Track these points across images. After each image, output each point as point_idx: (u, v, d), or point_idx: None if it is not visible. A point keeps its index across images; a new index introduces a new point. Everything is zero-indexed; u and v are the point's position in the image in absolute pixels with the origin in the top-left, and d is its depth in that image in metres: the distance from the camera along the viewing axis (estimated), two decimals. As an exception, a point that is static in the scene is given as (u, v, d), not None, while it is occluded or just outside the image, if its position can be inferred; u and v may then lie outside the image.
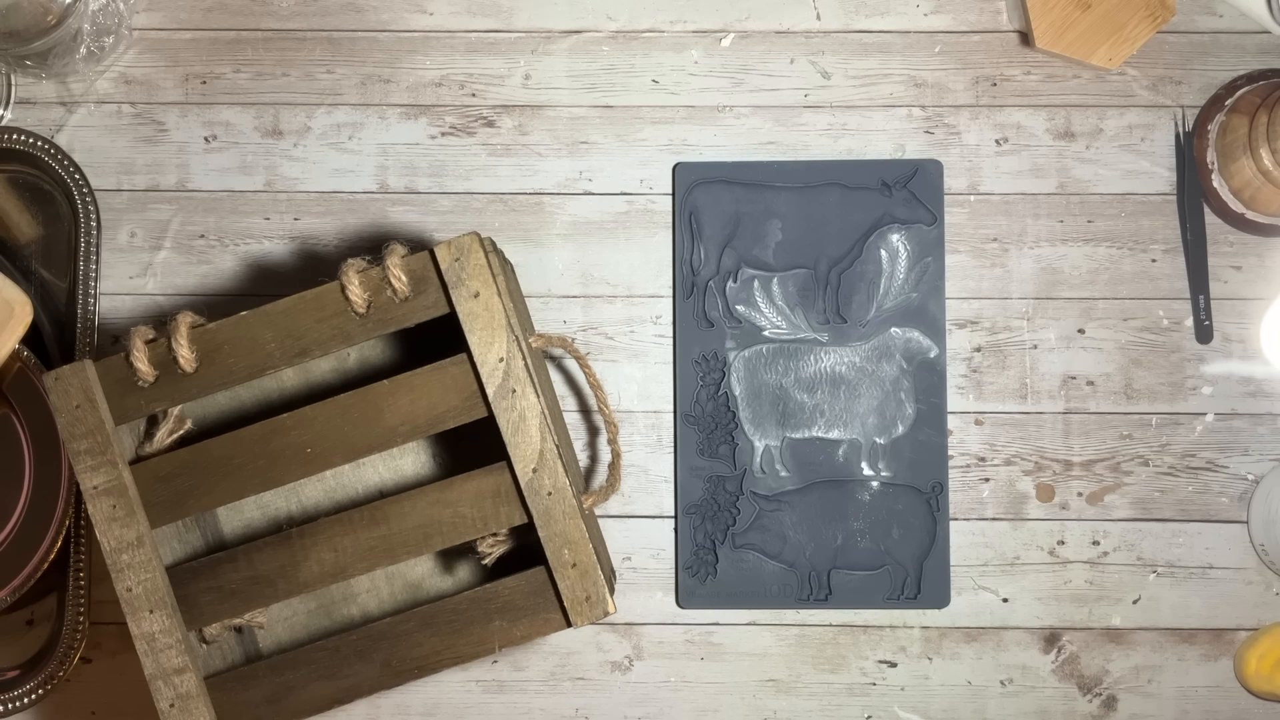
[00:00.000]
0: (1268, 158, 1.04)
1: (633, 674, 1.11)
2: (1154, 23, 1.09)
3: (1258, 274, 1.11)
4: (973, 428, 1.11)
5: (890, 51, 1.12)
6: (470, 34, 1.12)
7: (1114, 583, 1.10)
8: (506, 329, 0.88)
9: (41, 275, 1.11)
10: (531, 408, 0.88)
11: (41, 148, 1.10)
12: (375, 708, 1.11)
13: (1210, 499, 1.11)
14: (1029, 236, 1.12)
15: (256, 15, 1.13)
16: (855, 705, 1.11)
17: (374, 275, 0.88)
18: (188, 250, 1.12)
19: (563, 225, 1.12)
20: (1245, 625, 1.10)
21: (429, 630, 0.89)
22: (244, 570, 0.90)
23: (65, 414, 0.88)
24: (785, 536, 1.09)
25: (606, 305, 1.12)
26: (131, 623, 0.88)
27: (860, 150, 1.12)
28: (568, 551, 0.88)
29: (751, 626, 1.11)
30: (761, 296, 1.10)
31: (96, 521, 0.88)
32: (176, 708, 0.88)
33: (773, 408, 1.10)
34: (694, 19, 1.13)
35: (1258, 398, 1.11)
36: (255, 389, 1.04)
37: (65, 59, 1.08)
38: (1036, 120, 1.12)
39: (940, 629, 1.10)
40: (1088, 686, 1.10)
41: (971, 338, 1.11)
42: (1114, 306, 1.11)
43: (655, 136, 1.12)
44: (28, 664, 1.08)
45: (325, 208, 1.12)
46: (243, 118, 1.12)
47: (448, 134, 1.12)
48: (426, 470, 1.06)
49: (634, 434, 1.11)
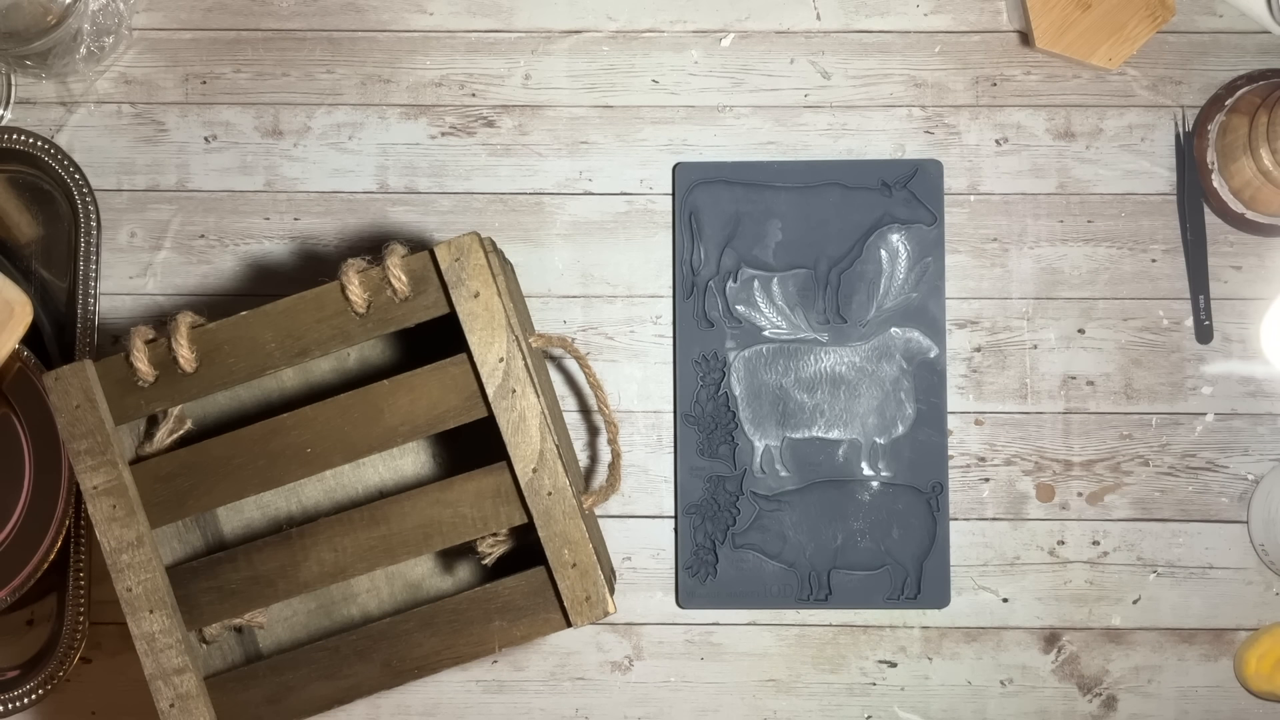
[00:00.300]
0: (1268, 158, 1.04)
1: (633, 674, 1.11)
2: (1154, 23, 1.09)
3: (1258, 274, 1.11)
4: (973, 428, 1.11)
5: (890, 51, 1.12)
6: (470, 34, 1.12)
7: (1114, 583, 1.10)
8: (506, 329, 0.88)
9: (41, 275, 1.11)
10: (531, 408, 0.88)
11: (41, 148, 1.10)
12: (375, 708, 1.11)
13: (1210, 499, 1.11)
14: (1029, 236, 1.12)
15: (256, 15, 1.13)
16: (855, 705, 1.11)
17: (374, 275, 0.88)
18: (188, 250, 1.12)
19: (563, 225, 1.12)
20: (1245, 625, 1.10)
21: (429, 630, 0.89)
22: (244, 570, 0.90)
23: (65, 414, 0.88)
24: (785, 536, 1.09)
25: (606, 305, 1.12)
26: (131, 623, 0.88)
27: (860, 150, 1.12)
28: (568, 551, 0.88)
29: (751, 626, 1.11)
30: (761, 296, 1.10)
31: (96, 521, 0.88)
32: (176, 708, 0.88)
33: (773, 408, 1.10)
34: (694, 19, 1.13)
35: (1258, 398, 1.11)
36: (255, 389, 1.04)
37: (65, 59, 1.08)
38: (1036, 120, 1.12)
39: (940, 629, 1.10)
40: (1088, 686, 1.10)
41: (971, 338, 1.11)
42: (1114, 306, 1.11)
43: (655, 136, 1.12)
44: (28, 664, 1.08)
45: (325, 208, 1.12)
46: (243, 118, 1.12)
47: (448, 134, 1.12)
48: (426, 470, 1.06)
49: (634, 434, 1.11)
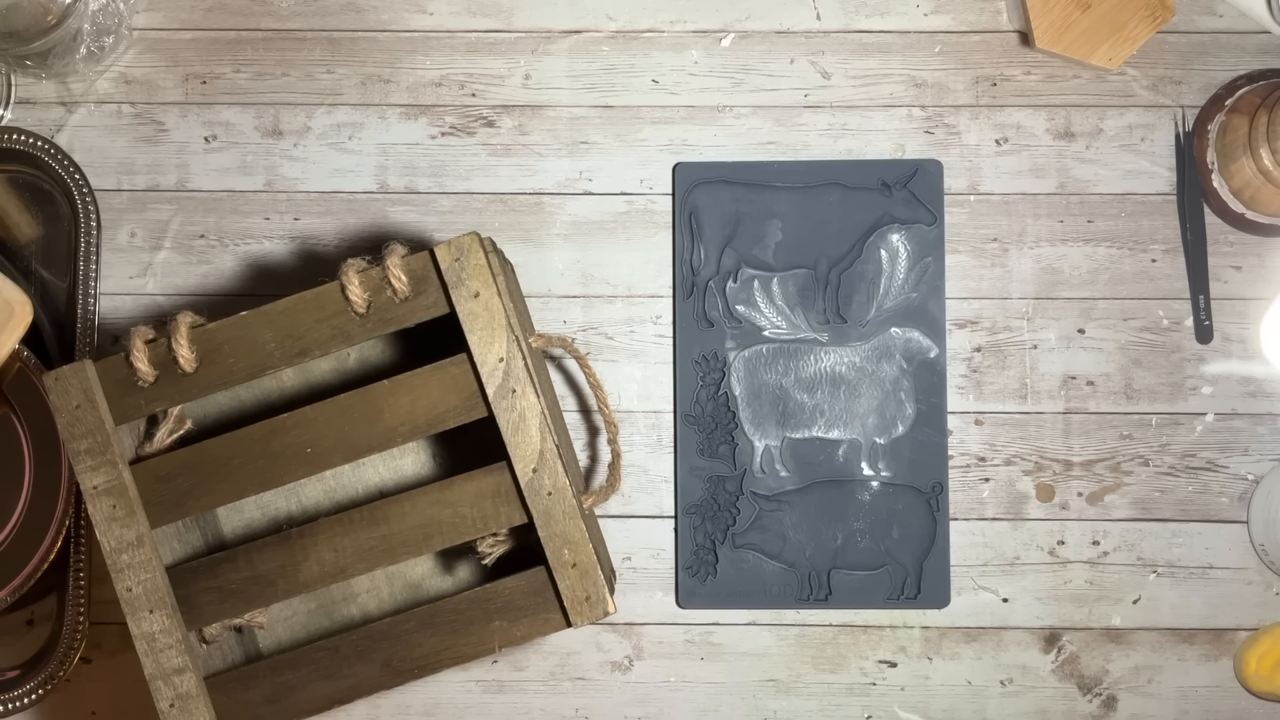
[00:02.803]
0: (1268, 158, 1.04)
1: (633, 674, 1.11)
2: (1154, 23, 1.09)
3: (1258, 274, 1.11)
4: (973, 428, 1.11)
5: (890, 51, 1.12)
6: (470, 34, 1.12)
7: (1114, 583, 1.10)
8: (506, 329, 0.88)
9: (41, 275, 1.11)
10: (531, 408, 0.87)
11: (41, 148, 1.10)
12: (375, 708, 1.11)
13: (1210, 499, 1.11)
14: (1029, 236, 1.12)
15: (256, 15, 1.13)
16: (855, 705, 1.11)
17: (374, 275, 0.88)
18: (188, 250, 1.12)
19: (563, 225, 1.12)
20: (1245, 625, 1.10)
21: (429, 630, 0.89)
22: (244, 570, 0.90)
23: (65, 414, 0.88)
24: (785, 536, 1.09)
25: (606, 305, 1.12)
26: (131, 623, 0.88)
27: (860, 150, 1.12)
28: (568, 551, 0.88)
29: (751, 626, 1.11)
30: (761, 296, 1.10)
31: (96, 521, 0.88)
32: (176, 708, 0.88)
33: (773, 408, 1.10)
34: (694, 19, 1.13)
35: (1258, 398, 1.11)
36: (255, 389, 1.04)
37: (65, 59, 1.08)
38: (1036, 120, 1.12)
39: (940, 629, 1.10)
40: (1088, 686, 1.10)
41: (971, 338, 1.11)
42: (1114, 306, 1.11)
43: (655, 136, 1.12)
44: (28, 664, 1.08)
45: (325, 208, 1.12)
46: (243, 118, 1.12)
47: (448, 134, 1.12)
48: (426, 470, 1.06)
49: (634, 434, 1.11)
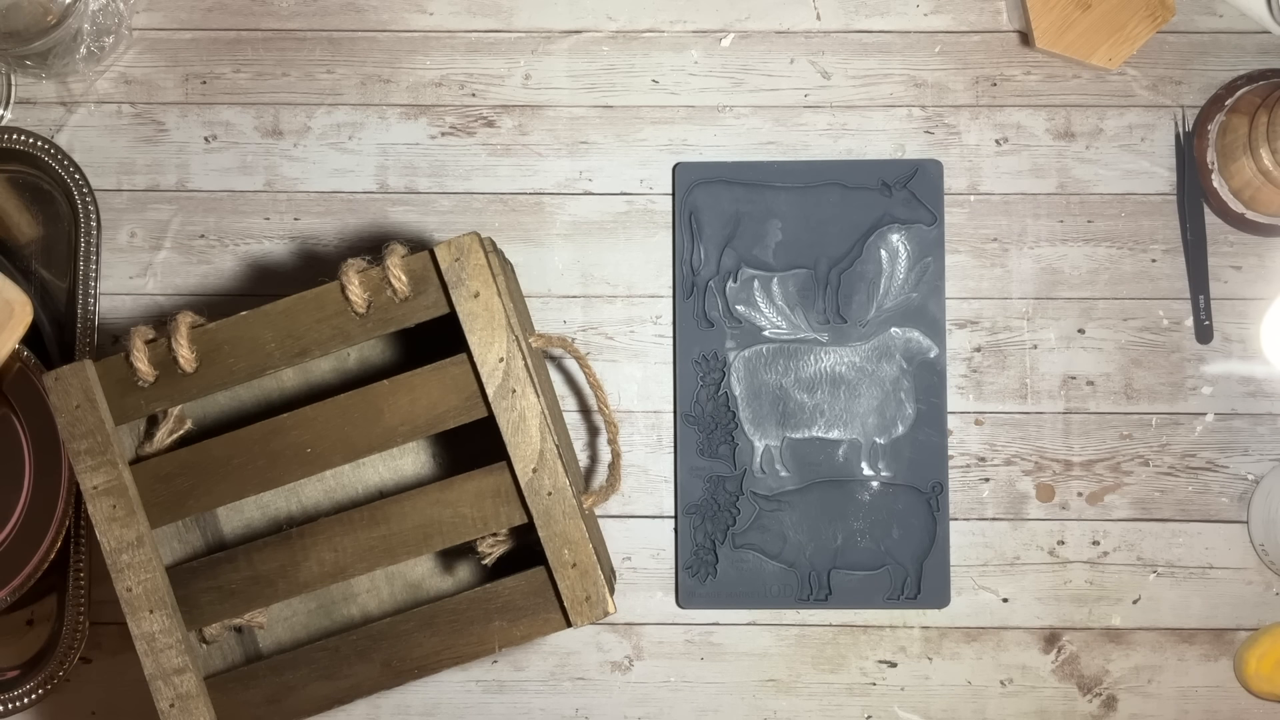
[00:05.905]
0: (1268, 158, 1.04)
1: (633, 674, 1.11)
2: (1154, 23, 1.09)
3: (1258, 274, 1.11)
4: (973, 428, 1.11)
5: (890, 51, 1.12)
6: (470, 34, 1.12)
7: (1114, 583, 1.10)
8: (506, 329, 0.88)
9: (41, 275, 1.11)
10: (531, 408, 0.87)
11: (41, 148, 1.10)
12: (375, 708, 1.11)
13: (1210, 499, 1.10)
14: (1029, 236, 1.12)
15: (256, 15, 1.13)
16: (855, 705, 1.11)
17: (374, 275, 0.88)
18: (188, 250, 1.12)
19: (563, 225, 1.12)
20: (1245, 625, 1.10)
21: (429, 630, 0.89)
22: (244, 570, 0.90)
23: (65, 414, 0.88)
24: (785, 536, 1.09)
25: (606, 305, 1.12)
26: (131, 623, 0.88)
27: (860, 150, 1.12)
28: (568, 551, 0.88)
29: (751, 626, 1.11)
30: (761, 296, 1.10)
31: (96, 521, 0.88)
32: (176, 708, 0.88)
33: (773, 408, 1.10)
34: (694, 19, 1.13)
35: (1258, 398, 1.11)
36: (255, 389, 1.04)
37: (65, 59, 1.08)
38: (1036, 120, 1.12)
39: (940, 629, 1.10)
40: (1088, 686, 1.10)
41: (971, 338, 1.11)
42: (1114, 306, 1.11)
43: (655, 136, 1.12)
44: (28, 664, 1.08)
45: (325, 208, 1.12)
46: (243, 118, 1.12)
47: (448, 134, 1.12)
48: (426, 470, 1.06)
49: (634, 434, 1.11)
